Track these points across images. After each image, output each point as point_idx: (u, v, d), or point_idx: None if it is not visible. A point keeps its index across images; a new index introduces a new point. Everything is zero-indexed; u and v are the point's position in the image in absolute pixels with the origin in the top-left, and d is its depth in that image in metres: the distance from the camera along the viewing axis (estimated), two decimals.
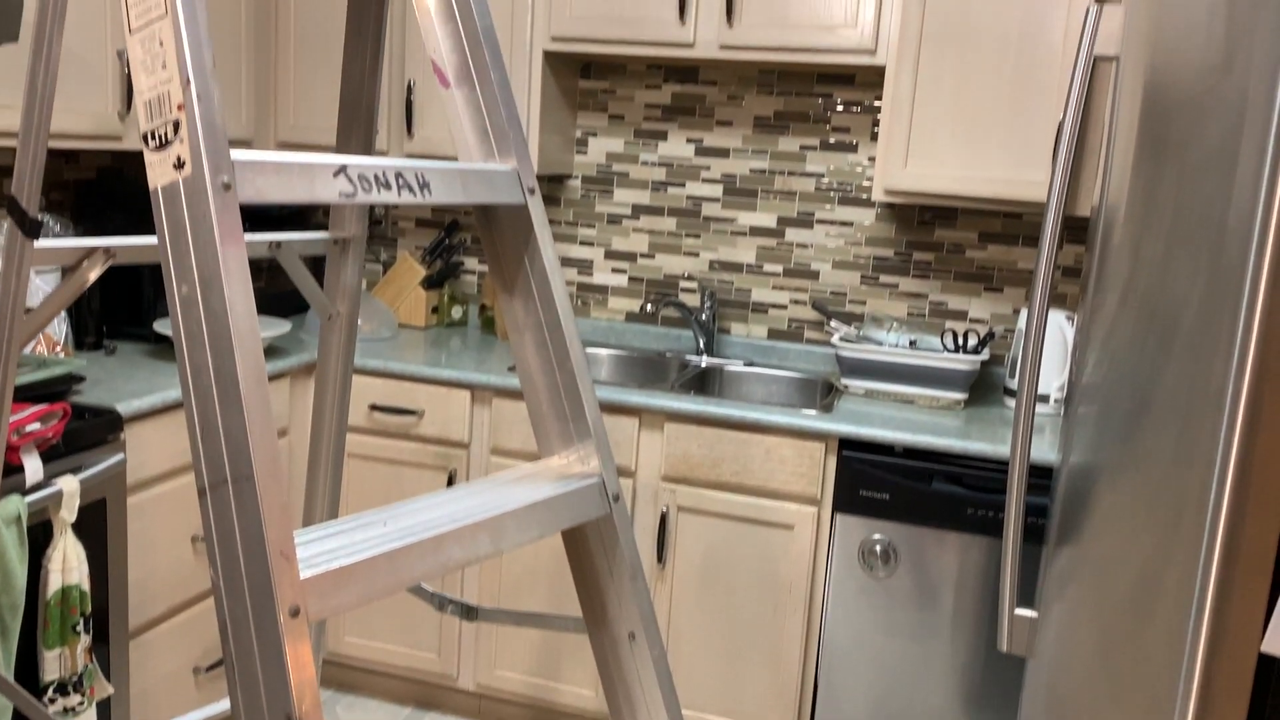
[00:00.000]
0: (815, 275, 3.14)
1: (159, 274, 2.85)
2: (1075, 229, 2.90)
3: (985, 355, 2.74)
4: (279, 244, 1.42)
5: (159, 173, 0.99)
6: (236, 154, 1.00)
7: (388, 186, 1.11)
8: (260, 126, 3.14)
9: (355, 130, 1.40)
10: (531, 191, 1.28)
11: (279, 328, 2.83)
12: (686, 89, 3.18)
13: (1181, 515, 1.08)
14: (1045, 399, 2.73)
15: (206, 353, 0.96)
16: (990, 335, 2.81)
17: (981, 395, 2.93)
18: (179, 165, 0.98)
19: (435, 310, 3.37)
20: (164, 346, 2.84)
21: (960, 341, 2.90)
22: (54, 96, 1.13)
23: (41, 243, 1.17)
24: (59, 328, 2.56)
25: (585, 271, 3.35)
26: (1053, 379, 2.72)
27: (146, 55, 1.00)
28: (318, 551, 1.01)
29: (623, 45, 2.86)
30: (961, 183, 2.61)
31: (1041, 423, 2.68)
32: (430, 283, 3.32)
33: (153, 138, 0.99)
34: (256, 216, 3.16)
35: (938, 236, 3.02)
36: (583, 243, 3.34)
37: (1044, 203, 2.54)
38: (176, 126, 0.98)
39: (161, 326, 2.73)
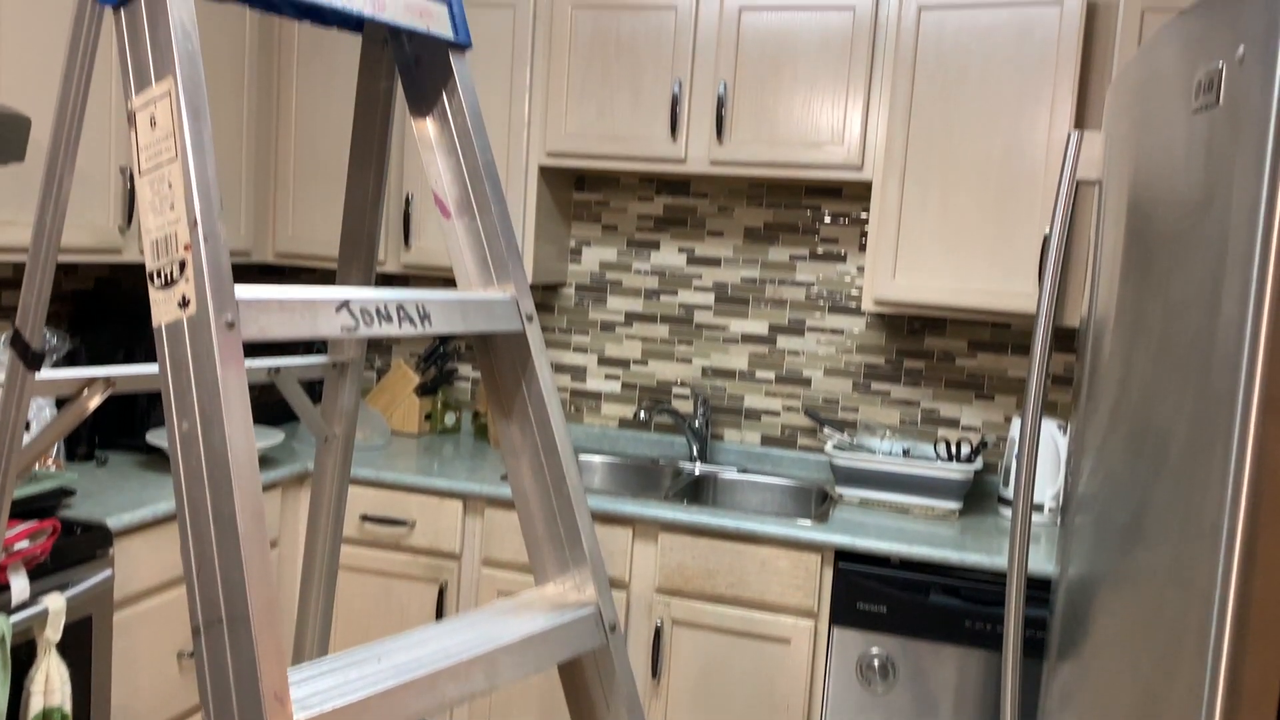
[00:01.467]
0: (807, 382, 3.16)
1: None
2: (1063, 338, 2.94)
3: (979, 464, 2.75)
4: (278, 370, 1.43)
5: (163, 311, 1.01)
6: (241, 291, 1.02)
7: (389, 319, 1.13)
8: (259, 238, 3.19)
9: (357, 258, 1.43)
10: (530, 318, 1.30)
11: (272, 438, 2.82)
12: (678, 201, 3.25)
13: (1182, 642, 1.07)
14: (1040, 508, 2.72)
15: (205, 491, 0.96)
16: (983, 444, 2.82)
17: (976, 504, 2.92)
18: (184, 304, 0.99)
19: (429, 417, 3.37)
20: (156, 457, 2.82)
21: (954, 450, 2.91)
22: (62, 232, 1.15)
23: (43, 374, 1.18)
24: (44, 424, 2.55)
25: (579, 378, 3.36)
26: (1047, 488, 2.72)
27: (155, 196, 1.02)
28: (311, 692, 0.99)
29: (616, 161, 2.93)
30: (950, 294, 2.65)
31: (1037, 532, 2.67)
32: (424, 390, 3.33)
33: (158, 276, 1.01)
34: None
35: (928, 345, 3.06)
36: (576, 349, 3.36)
37: (1030, 313, 2.58)
38: (182, 266, 0.99)
39: (154, 438, 2.72)
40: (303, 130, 3.17)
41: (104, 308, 2.88)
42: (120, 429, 2.84)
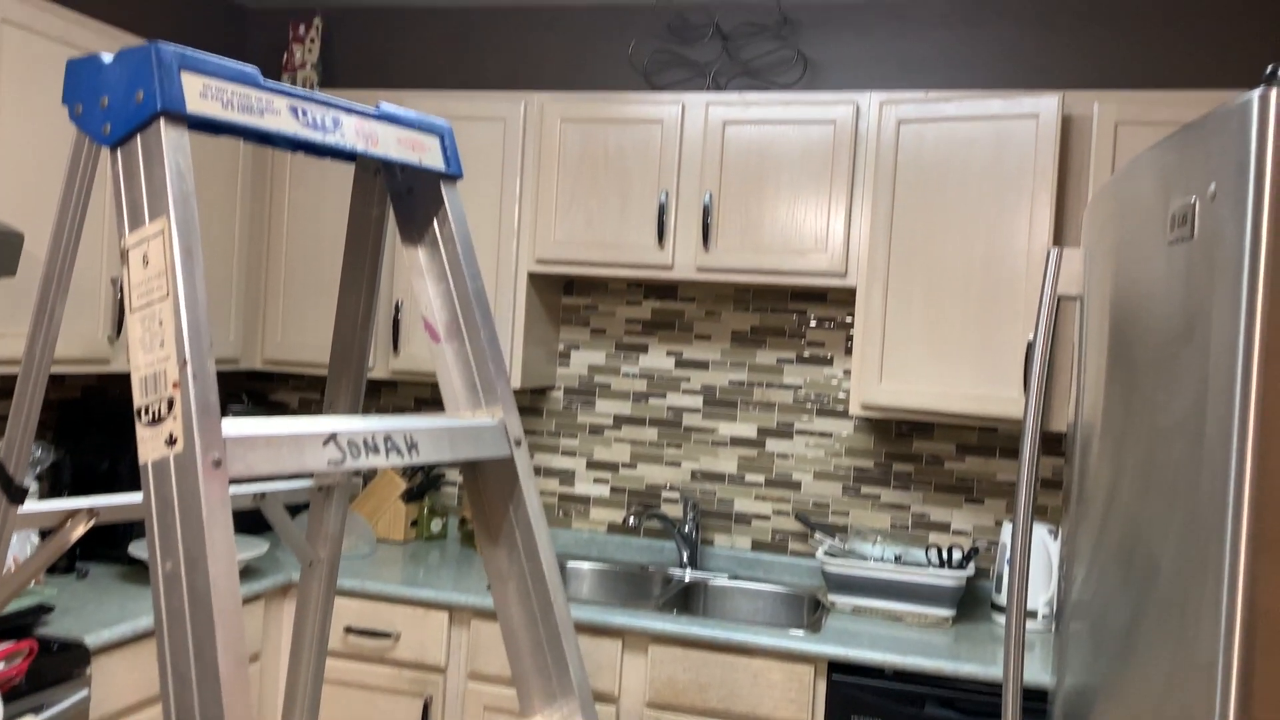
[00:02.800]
0: (797, 486, 3.15)
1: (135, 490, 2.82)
2: (1050, 441, 2.94)
3: (970, 570, 2.72)
4: (263, 495, 1.42)
5: (150, 448, 1.00)
6: (229, 428, 1.02)
7: (376, 451, 1.13)
8: (247, 346, 3.19)
9: (345, 379, 1.43)
10: (518, 443, 1.30)
11: (256, 548, 2.79)
12: (666, 305, 3.28)
13: None
14: (1033, 614, 2.69)
15: (187, 634, 0.94)
16: (974, 550, 2.80)
17: (969, 610, 2.89)
18: (170, 442, 0.99)
19: (415, 524, 3.33)
20: (137, 569, 2.78)
21: (945, 556, 2.89)
22: (50, 364, 1.16)
23: (26, 508, 1.17)
24: (29, 552, 2.51)
25: (567, 482, 3.34)
26: (1039, 594, 2.70)
27: (146, 333, 1.02)
28: None
29: (604, 267, 2.96)
30: (936, 399, 2.66)
31: (1031, 639, 2.64)
32: (410, 495, 3.30)
33: (146, 413, 1.01)
34: None
35: (916, 448, 3.06)
36: (564, 453, 3.35)
37: (1016, 418, 2.59)
38: (170, 404, 0.99)
39: (136, 550, 2.68)
40: (294, 238, 3.21)
41: (90, 416, 2.87)
42: (102, 540, 2.80)
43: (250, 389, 3.65)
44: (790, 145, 2.83)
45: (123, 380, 3.13)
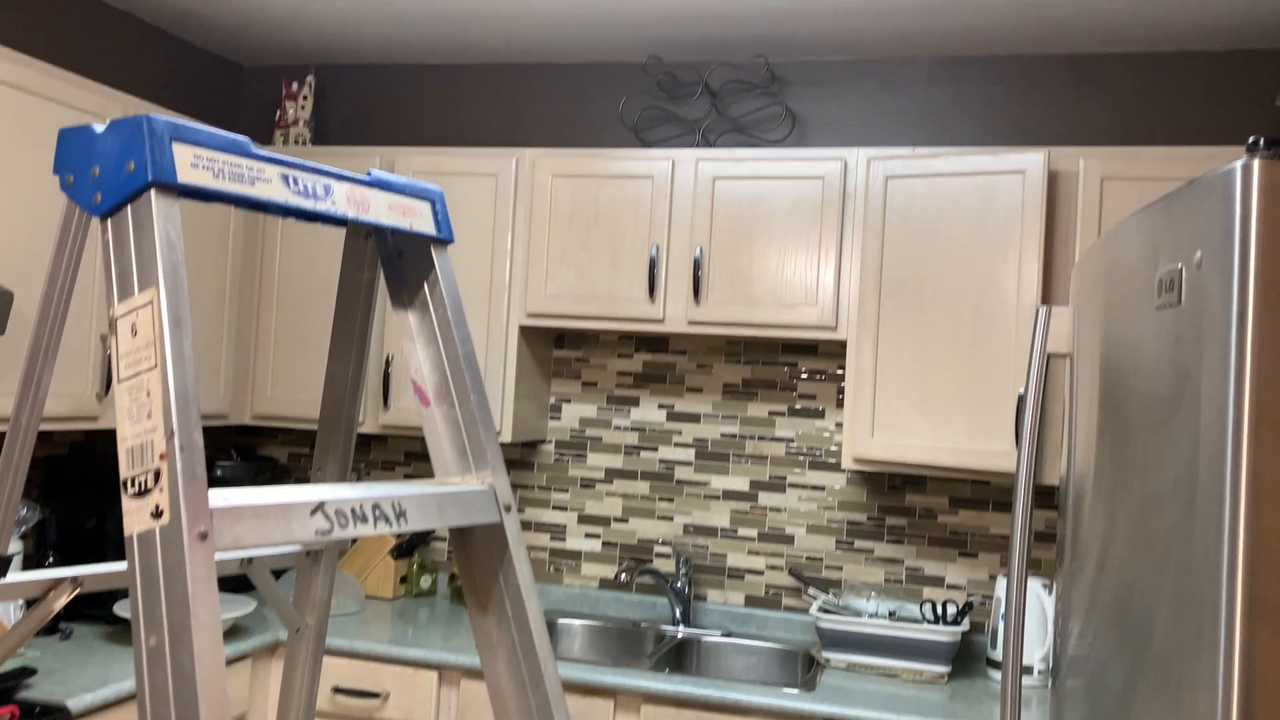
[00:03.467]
0: (790, 540, 3.13)
1: (120, 552, 2.80)
2: (1043, 493, 2.94)
3: (965, 625, 2.70)
4: (250, 560, 1.41)
5: (136, 520, 0.99)
6: (215, 498, 1.01)
7: (364, 520, 1.12)
8: (237, 402, 3.18)
9: (334, 445, 1.42)
10: (508, 509, 1.29)
11: (243, 607, 2.75)
12: (657, 357, 3.28)
13: None
14: (1029, 670, 2.67)
15: (170, 712, 0.93)
16: (969, 605, 2.78)
17: (964, 666, 2.86)
18: (156, 514, 0.98)
19: (404, 580, 3.30)
20: (122, 629, 2.74)
21: (940, 611, 2.87)
22: (36, 432, 1.15)
23: (9, 578, 1.15)
24: (15, 615, 2.48)
25: (558, 537, 3.32)
26: (1035, 649, 2.68)
27: (133, 404, 1.02)
28: None
29: (595, 321, 2.97)
30: (928, 452, 2.66)
31: (1028, 695, 2.61)
32: (399, 552, 3.27)
33: (132, 484, 1.00)
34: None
35: (909, 501, 3.05)
36: (555, 507, 3.33)
37: (1008, 471, 2.59)
38: (157, 476, 0.98)
39: (121, 609, 2.64)
40: (285, 292, 3.21)
41: (77, 474, 2.85)
42: (87, 600, 2.76)
43: (239, 443, 3.63)
44: (780, 200, 2.85)
45: (110, 436, 3.11)
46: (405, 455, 3.48)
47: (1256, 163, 0.96)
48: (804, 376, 3.16)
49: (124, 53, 3.18)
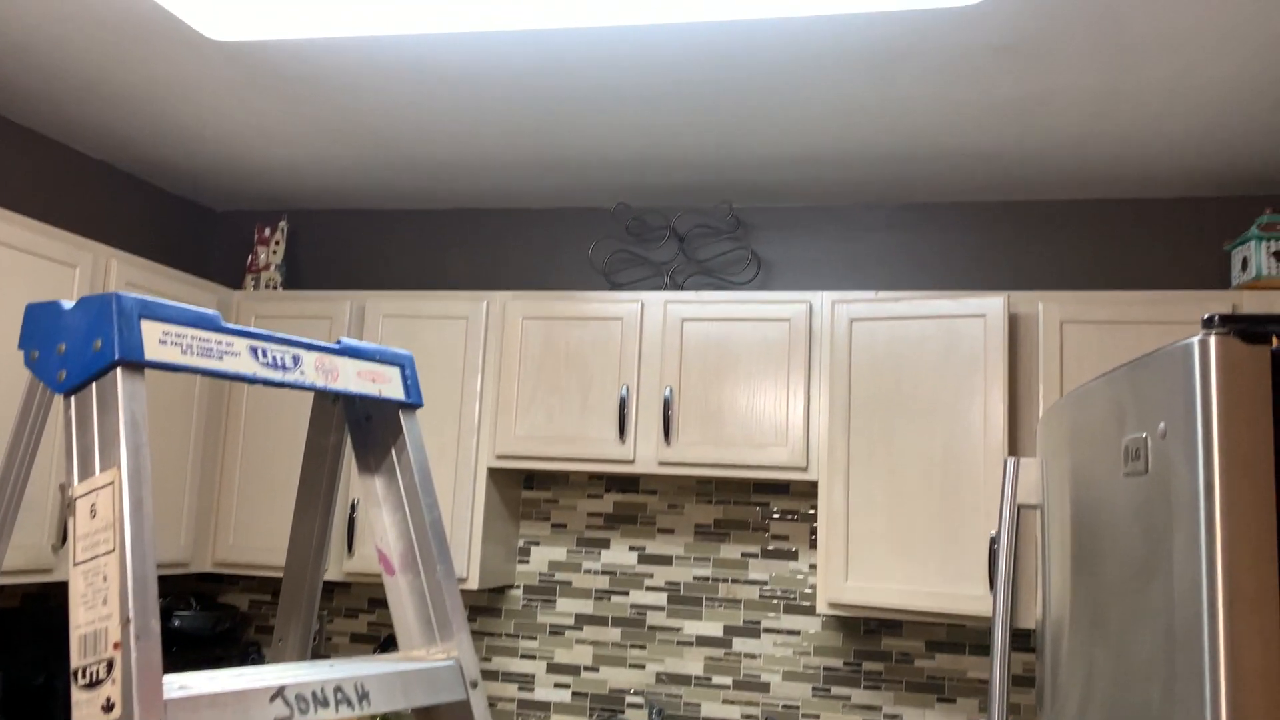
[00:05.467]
0: (766, 687, 3.06)
1: (69, 713, 2.67)
2: (1019, 636, 2.90)
3: None
4: None
5: (85, 714, 0.95)
6: (170, 687, 0.97)
7: (325, 704, 1.08)
8: (199, 549, 3.11)
9: (296, 613, 1.38)
10: (474, 685, 1.25)
11: None
12: (628, 498, 3.25)
13: None
14: None
15: None
16: None
17: None
18: (108, 708, 0.94)
19: None
20: None
21: None
22: None
23: None
24: None
25: (526, 687, 3.22)
26: None
27: (89, 589, 0.99)
28: None
29: (565, 462, 2.95)
30: (903, 597, 2.63)
31: None
32: None
33: (83, 675, 0.96)
34: (185, 639, 3.05)
35: (885, 645, 3.00)
36: (524, 655, 3.24)
37: (984, 615, 2.55)
38: (110, 666, 0.95)
39: None
40: (250, 438, 3.17)
41: (31, 625, 2.74)
42: None
43: (199, 591, 3.52)
44: (748, 342, 2.88)
45: (62, 588, 3.01)
46: (369, 602, 3.39)
47: (1213, 339, 0.98)
48: (776, 516, 3.14)
49: (98, 199, 3.21)
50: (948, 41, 2.18)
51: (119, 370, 1.03)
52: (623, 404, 2.91)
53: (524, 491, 3.33)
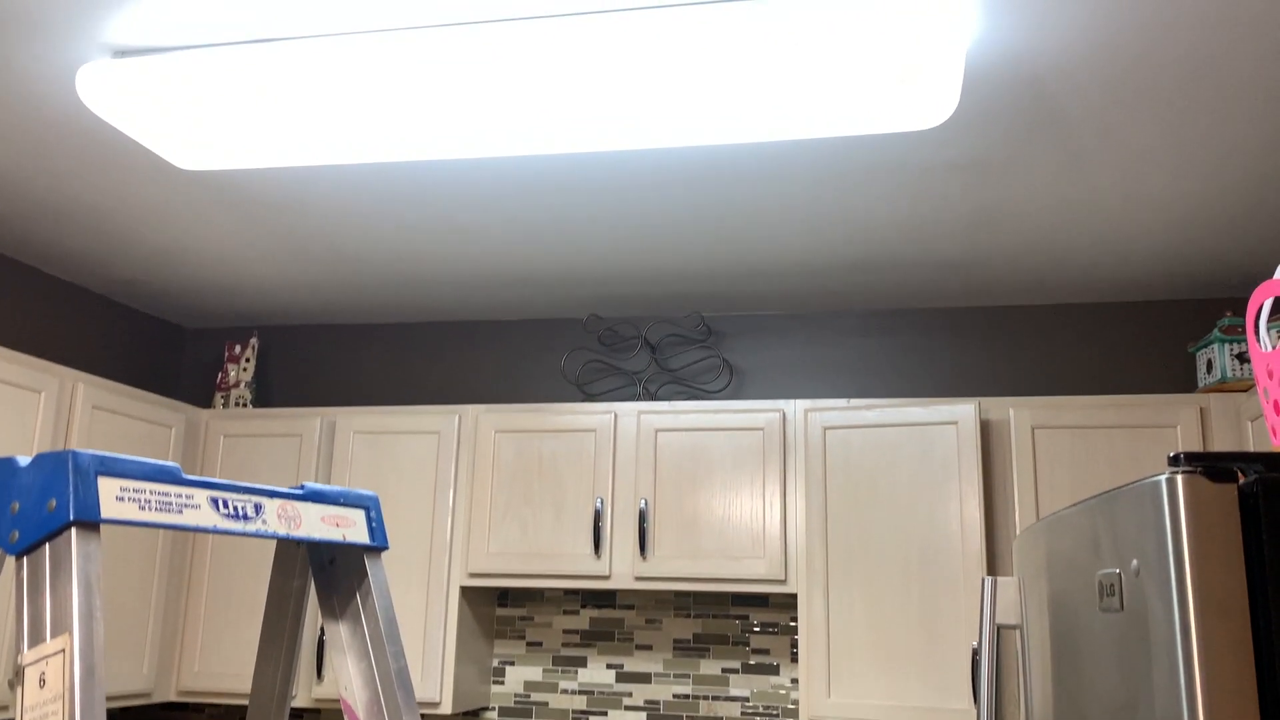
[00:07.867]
0: None
1: None
2: None
3: None
4: None
5: None
6: None
7: None
8: (161, 677, 3.00)
9: None
10: None
11: None
12: (604, 614, 3.19)
13: None
14: None
15: None
16: None
17: None
18: None
19: None
20: None
21: None
22: None
23: None
24: None
25: None
26: None
27: None
28: None
29: (539, 579, 2.90)
30: (886, 712, 2.57)
31: None
32: None
33: None
34: None
35: None
36: None
37: None
38: None
39: None
40: (216, 566, 3.10)
41: None
42: None
43: None
44: (722, 451, 2.87)
45: None
46: None
47: (1180, 479, 0.98)
48: (756, 630, 3.09)
49: (66, 317, 3.20)
50: (909, 161, 2.24)
51: (73, 530, 1.00)
52: (598, 516, 2.88)
53: (498, 609, 3.26)
